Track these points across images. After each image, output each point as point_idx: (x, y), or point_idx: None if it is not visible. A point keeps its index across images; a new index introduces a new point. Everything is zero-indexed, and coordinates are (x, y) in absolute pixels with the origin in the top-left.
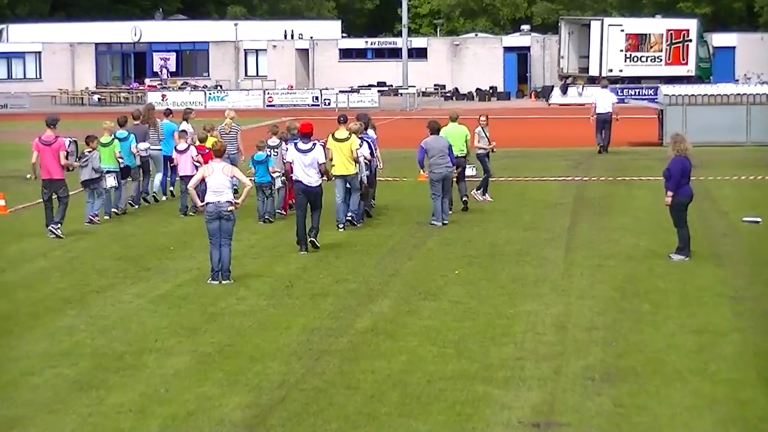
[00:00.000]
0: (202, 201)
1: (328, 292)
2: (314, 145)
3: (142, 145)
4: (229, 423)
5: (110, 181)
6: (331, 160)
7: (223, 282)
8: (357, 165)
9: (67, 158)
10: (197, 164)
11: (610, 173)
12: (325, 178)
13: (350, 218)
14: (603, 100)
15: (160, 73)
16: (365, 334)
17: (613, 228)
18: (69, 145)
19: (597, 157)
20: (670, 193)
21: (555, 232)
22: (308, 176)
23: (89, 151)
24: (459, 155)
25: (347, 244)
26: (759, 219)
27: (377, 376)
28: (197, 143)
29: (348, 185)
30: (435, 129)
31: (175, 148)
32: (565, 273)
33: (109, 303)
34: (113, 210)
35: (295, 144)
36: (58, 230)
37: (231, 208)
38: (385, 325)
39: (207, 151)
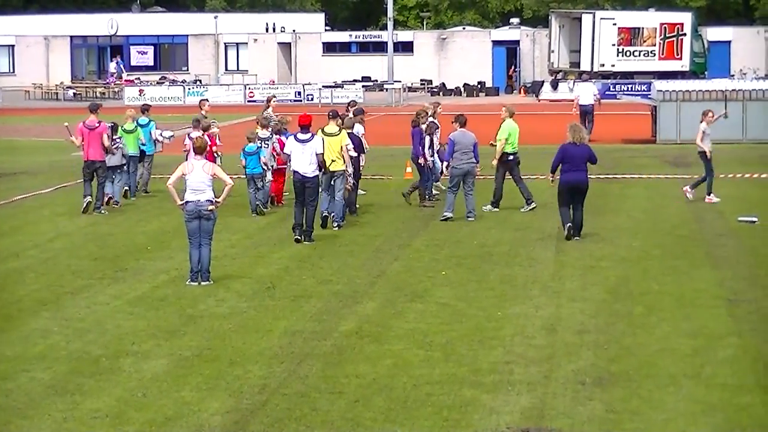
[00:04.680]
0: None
1: (311, 294)
2: (312, 136)
3: (166, 133)
4: (209, 429)
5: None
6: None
7: (203, 283)
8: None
9: (108, 141)
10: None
11: (603, 171)
12: (323, 169)
13: (335, 225)
14: (585, 92)
15: (115, 72)
16: (349, 337)
17: (605, 228)
18: (109, 130)
19: None
20: (550, 176)
21: (545, 232)
22: (305, 167)
23: (117, 138)
24: (515, 152)
25: (331, 244)
26: (755, 219)
27: (362, 381)
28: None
29: (332, 182)
30: (463, 122)
31: (188, 135)
32: (556, 274)
33: (84, 305)
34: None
35: (295, 135)
36: (102, 210)
37: (211, 207)
38: (370, 328)
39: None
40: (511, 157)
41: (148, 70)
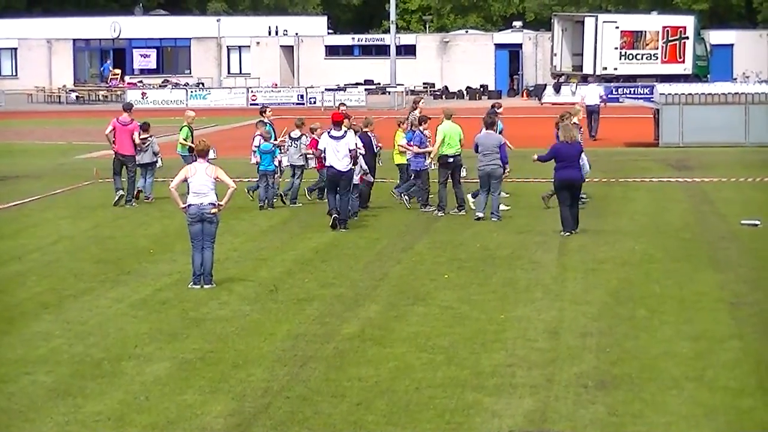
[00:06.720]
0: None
1: (313, 297)
2: (345, 132)
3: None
4: None
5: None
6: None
7: (205, 286)
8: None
9: (138, 138)
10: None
11: (605, 174)
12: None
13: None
14: (591, 93)
15: (104, 73)
16: (352, 340)
17: (608, 231)
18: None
19: (591, 157)
20: (535, 156)
21: (548, 235)
22: (339, 162)
23: (149, 137)
24: (456, 154)
25: (333, 247)
26: (758, 222)
27: (364, 384)
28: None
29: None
30: (488, 124)
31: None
32: (558, 277)
33: (86, 308)
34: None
35: (328, 132)
36: (133, 203)
37: (214, 210)
38: (372, 331)
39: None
40: (451, 160)
41: (150, 74)
